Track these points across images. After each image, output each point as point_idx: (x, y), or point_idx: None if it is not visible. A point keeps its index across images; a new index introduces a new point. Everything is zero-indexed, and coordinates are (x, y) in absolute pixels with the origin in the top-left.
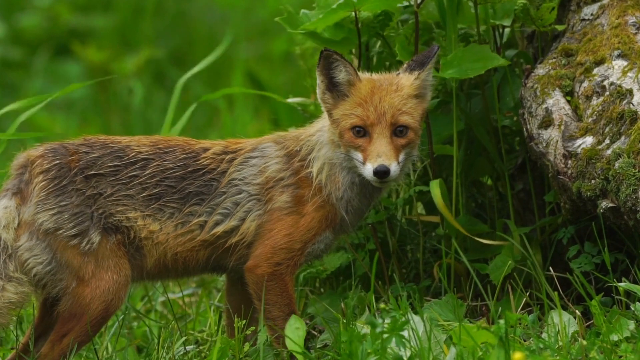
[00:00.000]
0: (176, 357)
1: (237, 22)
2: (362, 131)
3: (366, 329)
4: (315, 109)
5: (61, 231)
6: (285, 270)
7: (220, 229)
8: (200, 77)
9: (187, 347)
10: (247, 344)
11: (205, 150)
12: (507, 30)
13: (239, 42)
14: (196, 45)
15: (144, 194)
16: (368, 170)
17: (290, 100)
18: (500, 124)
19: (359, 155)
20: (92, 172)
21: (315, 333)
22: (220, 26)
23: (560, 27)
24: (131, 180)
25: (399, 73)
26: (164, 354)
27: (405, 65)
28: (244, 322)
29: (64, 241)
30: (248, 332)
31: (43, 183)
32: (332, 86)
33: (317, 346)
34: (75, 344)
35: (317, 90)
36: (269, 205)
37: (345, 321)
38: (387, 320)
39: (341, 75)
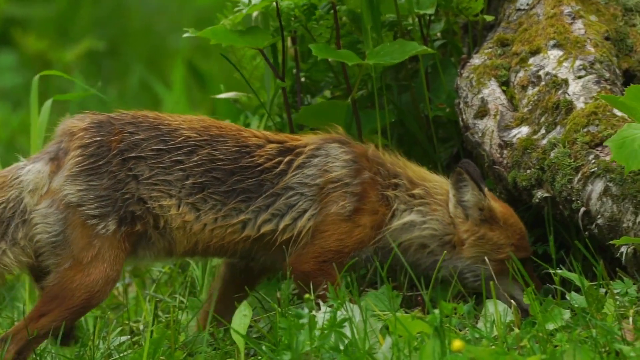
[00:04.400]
0: (112, 348)
1: (173, 12)
2: None
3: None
4: (248, 100)
5: (83, 208)
6: (331, 266)
7: (268, 227)
8: (141, 65)
9: (121, 338)
10: (182, 334)
11: (260, 147)
12: (442, 21)
13: (176, 31)
14: (132, 36)
15: (187, 182)
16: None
17: (223, 95)
18: (432, 114)
19: (516, 287)
20: (132, 155)
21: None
22: (157, 16)
23: (489, 18)
24: (173, 165)
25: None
26: (100, 344)
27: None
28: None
29: (82, 219)
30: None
31: (79, 158)
32: (460, 204)
33: (254, 336)
34: (50, 327)
35: (450, 203)
36: (325, 207)
37: (281, 310)
38: (318, 311)
39: (466, 196)
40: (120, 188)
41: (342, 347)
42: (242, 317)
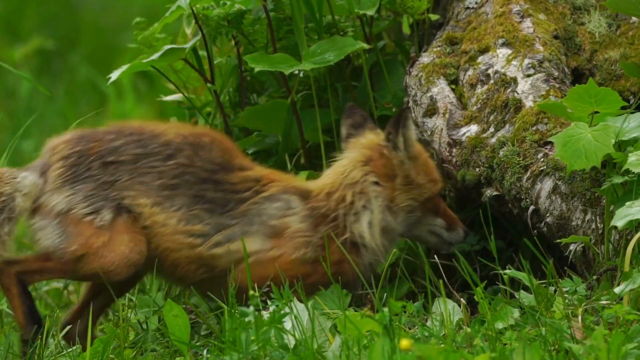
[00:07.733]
0: (62, 345)
1: (120, 9)
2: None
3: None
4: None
5: (74, 210)
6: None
7: (219, 251)
8: (89, 64)
9: None
10: (132, 332)
11: (241, 169)
12: (386, 20)
13: (124, 29)
14: (81, 33)
15: (158, 182)
16: (460, 234)
17: (168, 98)
18: (377, 114)
19: (439, 221)
20: (111, 159)
21: (200, 321)
22: (105, 13)
23: (434, 17)
24: (151, 169)
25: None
26: (49, 342)
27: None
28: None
29: (78, 217)
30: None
31: (60, 170)
32: (406, 146)
33: (202, 333)
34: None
35: (397, 154)
36: (284, 246)
37: (228, 309)
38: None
39: (411, 132)
40: (107, 188)
41: (286, 342)
42: (172, 318)
